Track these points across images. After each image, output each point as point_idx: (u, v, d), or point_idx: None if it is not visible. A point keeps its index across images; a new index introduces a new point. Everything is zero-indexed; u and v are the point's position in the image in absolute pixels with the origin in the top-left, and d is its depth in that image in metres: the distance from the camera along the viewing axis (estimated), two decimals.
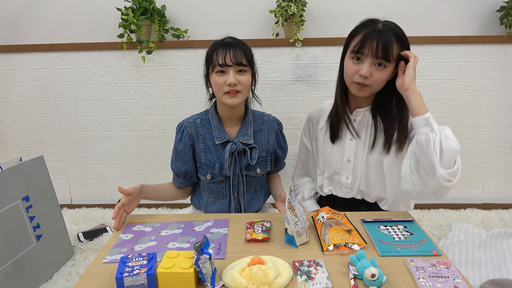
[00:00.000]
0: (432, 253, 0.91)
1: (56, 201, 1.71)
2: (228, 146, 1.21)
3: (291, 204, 0.95)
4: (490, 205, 2.31)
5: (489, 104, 2.16)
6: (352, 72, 1.11)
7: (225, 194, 1.28)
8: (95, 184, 2.40)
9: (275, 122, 1.33)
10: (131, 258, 0.82)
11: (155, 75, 2.19)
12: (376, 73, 1.08)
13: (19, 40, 2.21)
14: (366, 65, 1.08)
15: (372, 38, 1.05)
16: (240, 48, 1.14)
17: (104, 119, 2.28)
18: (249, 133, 1.25)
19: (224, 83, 1.14)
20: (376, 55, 1.05)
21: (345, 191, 1.28)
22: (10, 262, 1.44)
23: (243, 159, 1.24)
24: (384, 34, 1.05)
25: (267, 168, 1.31)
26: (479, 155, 2.25)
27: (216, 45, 1.16)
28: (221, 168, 1.21)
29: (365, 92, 1.13)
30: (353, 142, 1.23)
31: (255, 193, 1.33)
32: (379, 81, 1.10)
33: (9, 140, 2.34)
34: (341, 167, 1.26)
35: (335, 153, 1.26)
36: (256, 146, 1.25)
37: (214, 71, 1.15)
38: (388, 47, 1.05)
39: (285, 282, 0.79)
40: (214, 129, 1.24)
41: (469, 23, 2.10)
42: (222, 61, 1.12)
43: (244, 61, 1.14)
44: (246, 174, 1.27)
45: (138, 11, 2.01)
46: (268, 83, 2.16)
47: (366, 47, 1.06)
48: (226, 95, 1.15)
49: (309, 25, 2.12)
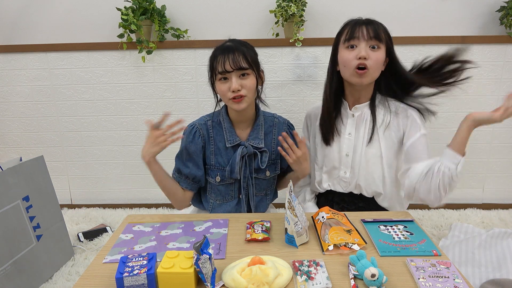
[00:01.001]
0: (432, 253, 0.91)
1: (56, 201, 1.71)
2: (239, 150, 1.20)
3: (291, 204, 0.95)
4: (490, 205, 2.31)
5: (489, 104, 2.16)
6: (350, 59, 1.15)
7: (233, 196, 1.27)
8: (95, 184, 2.40)
9: (285, 125, 1.32)
10: (131, 258, 0.82)
11: (155, 75, 2.19)
12: (372, 54, 1.14)
13: (19, 40, 2.21)
14: (362, 47, 1.14)
15: (360, 25, 1.15)
16: (239, 51, 1.11)
17: (104, 119, 2.28)
18: (260, 136, 1.24)
19: (228, 89, 1.12)
20: (369, 36, 1.14)
21: (343, 185, 1.29)
22: (10, 262, 1.44)
23: (253, 162, 1.23)
24: (370, 23, 1.16)
25: (276, 171, 1.30)
26: (479, 155, 2.25)
27: (216, 52, 1.15)
28: (232, 171, 1.20)
29: (365, 78, 1.16)
30: (351, 137, 1.25)
31: (265, 196, 1.33)
32: (377, 62, 1.16)
33: (9, 140, 2.34)
34: (340, 162, 1.27)
35: (333, 148, 1.28)
36: (266, 150, 1.23)
37: (217, 79, 1.14)
38: (377, 29, 1.15)
39: (285, 282, 0.79)
40: (225, 132, 1.22)
41: (469, 23, 2.10)
42: (222, 68, 1.11)
43: (245, 64, 1.11)
44: (256, 177, 1.26)
45: (138, 11, 2.01)
46: (268, 83, 2.16)
47: (357, 31, 1.15)
48: (232, 101, 1.14)
49: (309, 25, 2.12)
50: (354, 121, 1.25)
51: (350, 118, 1.26)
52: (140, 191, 2.40)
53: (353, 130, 1.25)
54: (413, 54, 2.07)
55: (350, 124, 1.26)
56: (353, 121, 1.25)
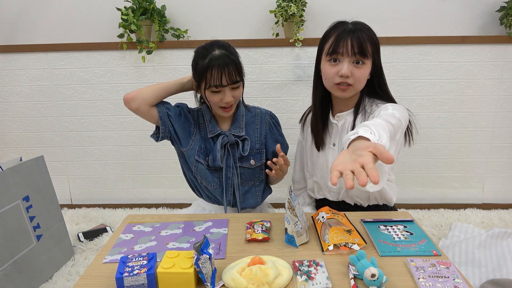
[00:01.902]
0: (432, 253, 0.91)
1: (56, 201, 1.71)
2: (220, 138, 1.23)
3: (291, 204, 0.95)
4: (490, 205, 2.31)
5: (489, 104, 2.16)
6: (331, 75, 1.10)
7: (218, 184, 1.28)
8: (95, 184, 2.40)
9: (268, 115, 1.34)
10: (131, 258, 0.82)
11: (155, 75, 2.19)
12: (356, 71, 1.08)
13: (19, 40, 2.21)
14: (345, 64, 1.07)
15: (345, 37, 1.06)
16: (233, 65, 1.12)
17: (104, 119, 2.28)
18: (241, 125, 1.27)
19: (220, 100, 1.16)
20: (353, 52, 1.06)
21: (333, 195, 1.28)
22: (10, 262, 1.44)
23: (236, 151, 1.26)
24: (356, 32, 1.06)
25: (262, 160, 1.31)
26: (479, 155, 2.25)
27: (209, 63, 1.11)
28: (214, 159, 1.23)
29: (348, 92, 1.12)
30: (335, 147, 1.22)
31: (254, 187, 1.33)
32: (361, 79, 1.10)
33: (9, 140, 2.34)
34: (327, 172, 1.25)
35: (320, 158, 1.26)
36: (247, 137, 1.26)
37: (209, 89, 1.15)
38: (363, 43, 1.05)
39: (285, 282, 0.79)
40: (206, 123, 1.26)
41: (469, 23, 2.10)
42: (218, 83, 1.12)
43: (238, 77, 1.15)
44: (240, 165, 1.28)
45: (138, 11, 2.01)
46: (268, 83, 2.16)
47: (341, 46, 1.06)
48: (221, 109, 1.19)
49: (309, 25, 2.12)
50: (338, 130, 1.20)
51: (334, 128, 1.22)
52: (140, 191, 2.40)
53: (337, 140, 1.21)
54: (413, 54, 2.07)
55: (334, 133, 1.21)
56: (337, 131, 1.21)
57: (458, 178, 2.30)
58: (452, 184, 2.31)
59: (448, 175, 2.30)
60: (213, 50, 1.14)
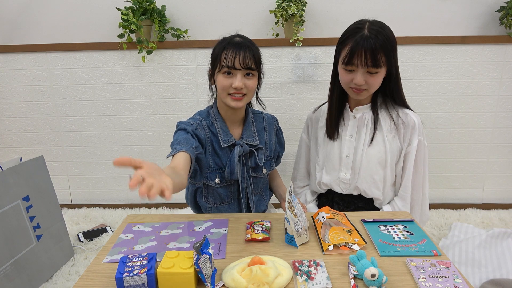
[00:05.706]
0: (432, 253, 0.91)
1: (56, 201, 1.71)
2: (236, 149, 1.16)
3: (291, 204, 0.95)
4: (490, 205, 2.31)
5: (489, 104, 2.16)
6: (347, 81, 1.17)
7: (233, 198, 1.25)
8: (95, 184, 2.40)
9: (274, 120, 1.34)
10: (131, 258, 0.82)
11: (155, 75, 2.19)
12: (370, 79, 1.14)
13: (19, 40, 2.21)
14: (358, 75, 1.13)
15: (360, 49, 1.09)
16: (250, 51, 1.09)
17: (104, 119, 2.28)
18: (253, 133, 1.22)
19: (230, 85, 1.10)
20: (366, 64, 1.10)
21: (343, 187, 1.29)
22: (10, 262, 1.44)
23: (249, 161, 1.21)
24: (370, 41, 1.08)
25: (272, 167, 1.30)
26: (479, 155, 2.25)
27: (226, 44, 1.10)
28: (232, 172, 1.17)
29: (363, 95, 1.19)
30: (352, 138, 1.26)
31: (261, 194, 1.32)
32: (375, 84, 1.16)
33: (9, 140, 2.34)
34: (340, 163, 1.27)
35: (334, 149, 1.28)
36: (262, 146, 1.23)
37: (221, 71, 1.11)
38: (376, 54, 1.09)
39: (285, 282, 0.79)
40: (219, 132, 1.19)
41: (469, 23, 2.10)
42: (231, 63, 1.08)
43: (253, 65, 1.10)
44: (253, 175, 1.24)
45: (138, 11, 2.01)
46: (268, 83, 2.16)
47: (355, 58, 1.10)
48: (230, 97, 1.12)
49: (309, 25, 2.12)
50: (355, 122, 1.25)
51: (351, 120, 1.26)
52: None
53: (354, 132, 1.26)
54: (413, 54, 2.07)
55: (351, 125, 1.26)
56: (355, 123, 1.26)
57: (458, 178, 2.30)
58: (452, 184, 2.31)
59: (448, 175, 2.30)
60: (234, 37, 1.14)
